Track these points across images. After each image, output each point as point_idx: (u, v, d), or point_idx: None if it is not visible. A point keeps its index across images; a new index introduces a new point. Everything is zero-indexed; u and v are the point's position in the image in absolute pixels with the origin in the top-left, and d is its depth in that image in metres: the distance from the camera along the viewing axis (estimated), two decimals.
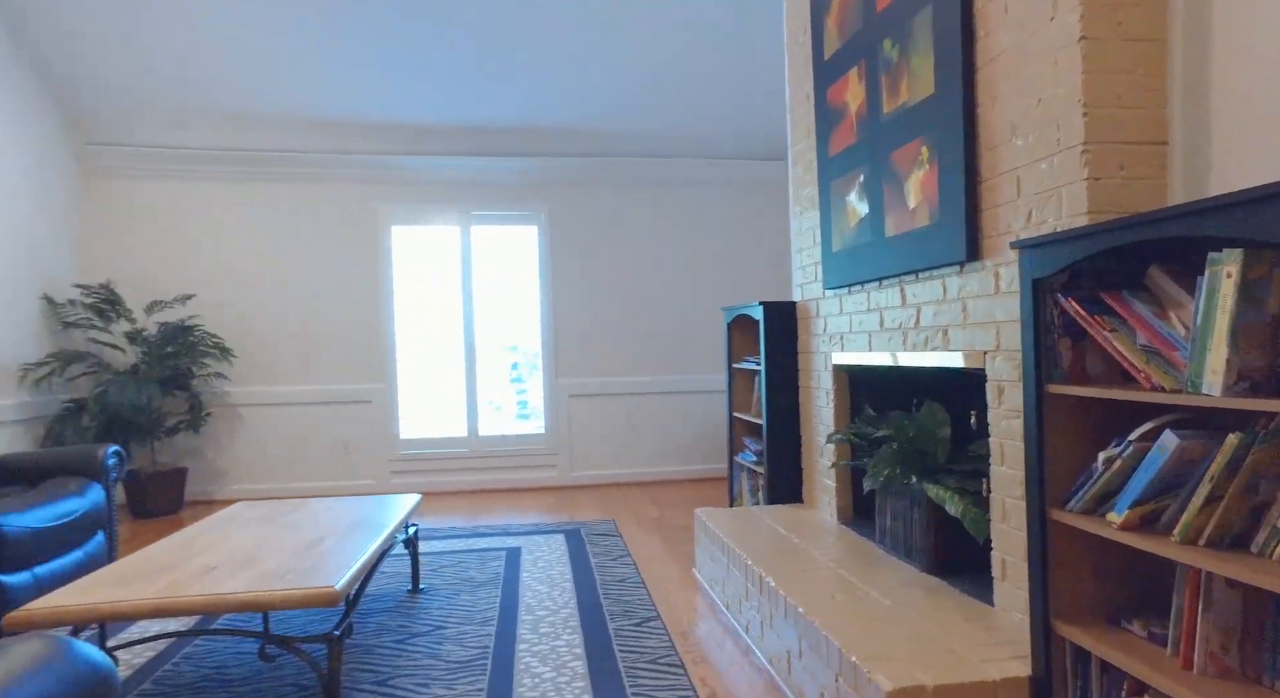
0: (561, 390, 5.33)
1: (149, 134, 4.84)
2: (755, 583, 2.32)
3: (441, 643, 2.47)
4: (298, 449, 5.07)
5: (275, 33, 4.36)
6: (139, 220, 4.94)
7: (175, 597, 1.80)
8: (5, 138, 4.12)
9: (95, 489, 3.10)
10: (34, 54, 4.34)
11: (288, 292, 5.07)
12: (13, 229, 4.16)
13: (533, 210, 5.32)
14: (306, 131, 4.96)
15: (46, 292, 4.46)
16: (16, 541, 2.65)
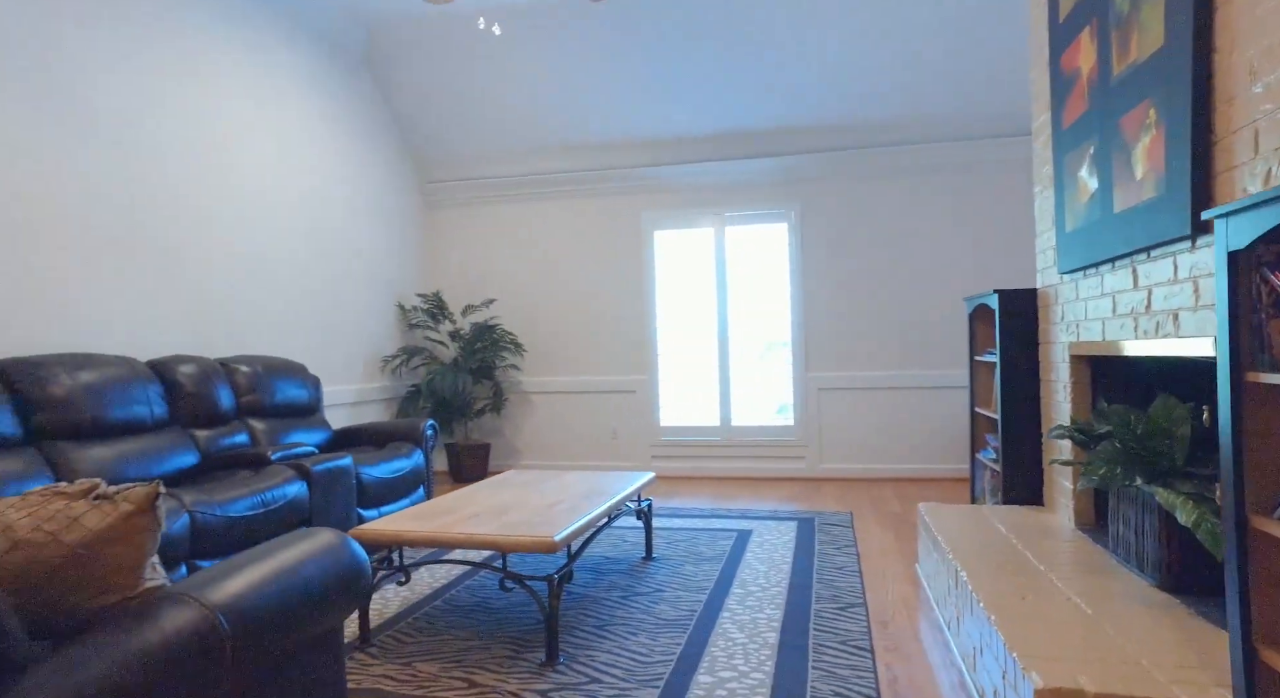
0: (811, 384, 5.39)
1: (466, 170, 5.95)
2: (954, 577, 2.25)
3: (657, 603, 2.78)
4: (574, 432, 5.84)
5: (558, 77, 5.10)
6: (459, 240, 6.09)
7: (443, 532, 2.35)
8: (371, 182, 5.41)
9: (418, 454, 3.99)
10: (394, 115, 5.63)
11: (567, 294, 5.85)
12: (379, 253, 5.45)
13: (783, 208, 5.45)
14: (581, 154, 5.68)
15: (399, 300, 5.74)
16: (371, 486, 3.55)
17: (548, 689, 2.08)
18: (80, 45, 3.27)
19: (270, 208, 4.38)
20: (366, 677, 2.19)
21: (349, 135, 5.14)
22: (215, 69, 4.01)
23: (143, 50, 3.58)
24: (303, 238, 4.64)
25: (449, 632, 2.54)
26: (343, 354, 5.02)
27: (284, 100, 4.52)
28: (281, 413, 3.90)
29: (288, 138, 4.54)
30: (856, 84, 4.94)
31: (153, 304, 3.60)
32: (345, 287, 5.06)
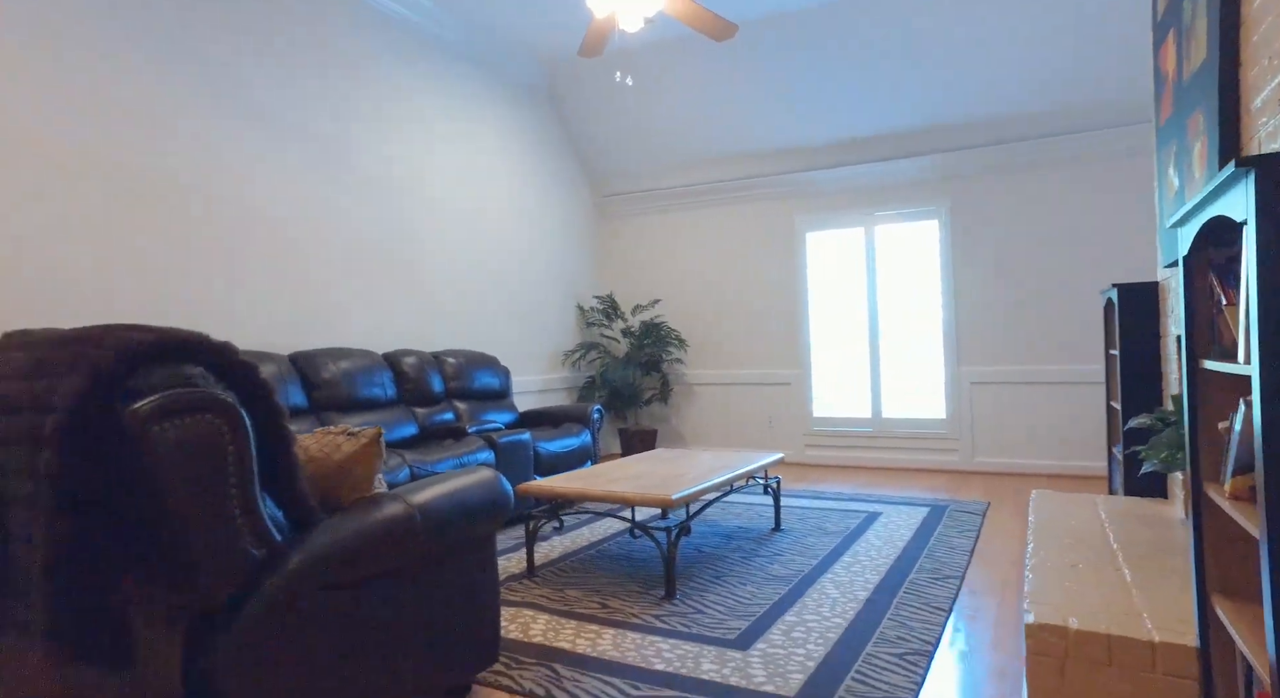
0: (963, 378, 5.42)
1: (635, 184, 6.65)
2: (1027, 553, 2.46)
3: (772, 563, 3.21)
4: (733, 420, 6.31)
5: (714, 95, 5.62)
6: (629, 247, 6.80)
7: (586, 488, 2.97)
8: (555, 200, 6.27)
9: (585, 434, 4.71)
10: (572, 140, 6.47)
11: (726, 293, 6.34)
12: (561, 261, 6.30)
13: (933, 205, 5.52)
14: (737, 164, 6.14)
15: (578, 302, 6.57)
16: (545, 457, 4.32)
17: (660, 614, 2.61)
18: (346, 117, 4.35)
19: (473, 229, 5.33)
20: (528, 595, 2.87)
21: (536, 161, 6.03)
22: (434, 121, 5.00)
23: (383, 115, 4.62)
24: (499, 252, 5.58)
25: (595, 572, 3.16)
26: (530, 349, 5.91)
27: (484, 138, 5.47)
28: (479, 396, 4.79)
29: (488, 169, 5.49)
30: (1007, 78, 4.92)
31: (386, 310, 4.63)
32: (533, 291, 5.95)
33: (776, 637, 2.38)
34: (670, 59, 5.54)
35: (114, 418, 1.36)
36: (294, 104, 4.08)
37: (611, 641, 2.38)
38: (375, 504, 1.76)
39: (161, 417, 1.36)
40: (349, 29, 4.43)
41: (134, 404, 1.35)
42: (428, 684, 1.84)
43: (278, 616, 1.50)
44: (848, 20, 4.93)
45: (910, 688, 2.00)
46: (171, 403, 1.37)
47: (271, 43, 3.98)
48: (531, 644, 2.37)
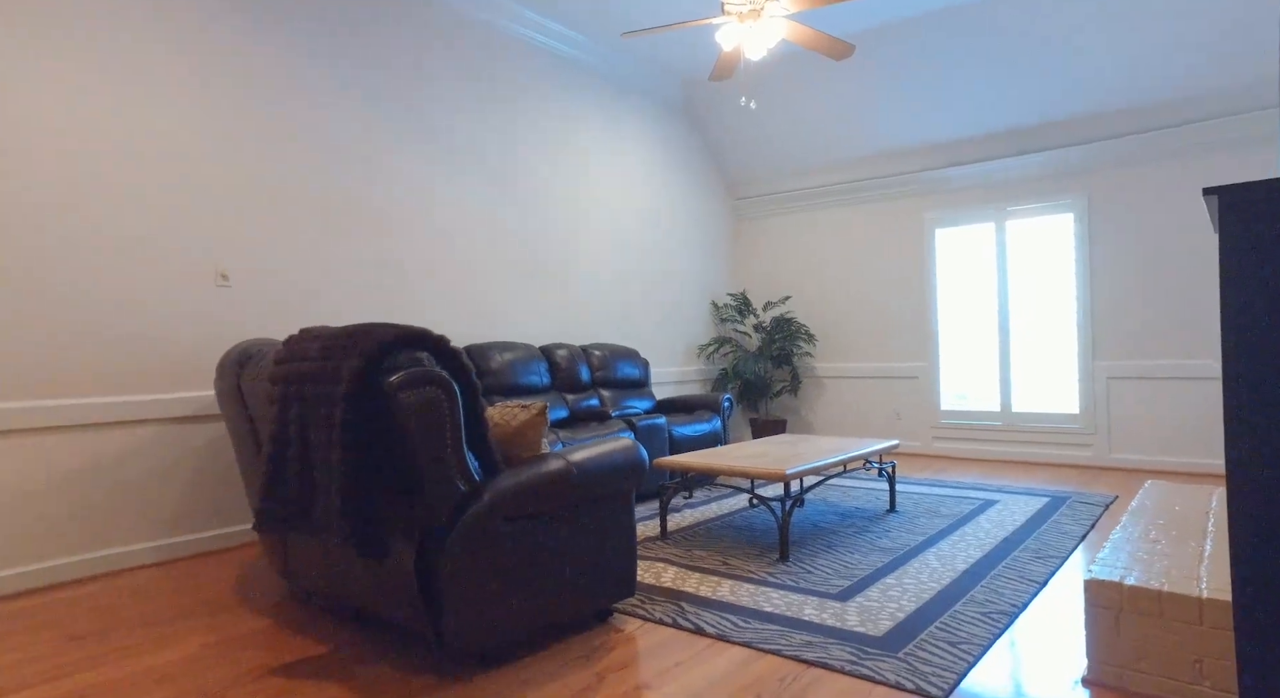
0: (1099, 372, 5.33)
1: (767, 186, 6.99)
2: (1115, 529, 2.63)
3: (881, 538, 3.51)
4: (861, 412, 6.51)
5: (843, 99, 5.88)
6: (761, 246, 7.15)
7: (711, 463, 3.42)
8: (691, 204, 6.75)
9: (716, 420, 5.15)
10: (707, 147, 6.92)
11: (855, 289, 6.54)
12: (697, 261, 6.78)
13: (1068, 198, 5.46)
14: (867, 164, 6.33)
15: (712, 299, 7.02)
16: (679, 440, 4.81)
17: (773, 572, 3.02)
18: (510, 143, 5.06)
19: (618, 234, 5.92)
20: (660, 553, 3.36)
21: (675, 170, 6.53)
22: (584, 139, 5.63)
23: (541, 138, 5.30)
24: (641, 254, 6.13)
25: (719, 537, 3.61)
26: (668, 342, 6.43)
27: (628, 152, 6.04)
28: (621, 385, 5.36)
29: (632, 180, 6.06)
30: (1149, 63, 4.82)
31: (542, 307, 5.31)
32: (671, 289, 6.47)
33: (874, 593, 2.72)
34: (796, 68, 5.84)
35: (376, 387, 1.98)
36: (467, 133, 4.82)
37: (729, 589, 2.82)
38: (542, 460, 2.31)
39: (404, 387, 1.96)
40: (513, 65, 5.13)
41: (389, 378, 1.96)
42: (580, 604, 2.37)
43: (476, 535, 2.07)
44: (976, 20, 5.02)
45: (986, 638, 2.29)
46: (410, 378, 1.97)
47: (450, 83, 4.73)
48: (662, 588, 2.86)
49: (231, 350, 2.76)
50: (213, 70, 3.63)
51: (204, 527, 3.55)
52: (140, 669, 2.21)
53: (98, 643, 2.43)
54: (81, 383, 3.19)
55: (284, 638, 2.42)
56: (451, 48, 4.74)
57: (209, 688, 2.06)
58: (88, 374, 3.21)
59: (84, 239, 3.21)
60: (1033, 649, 2.22)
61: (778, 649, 2.24)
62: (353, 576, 2.27)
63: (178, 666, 2.22)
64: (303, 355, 2.16)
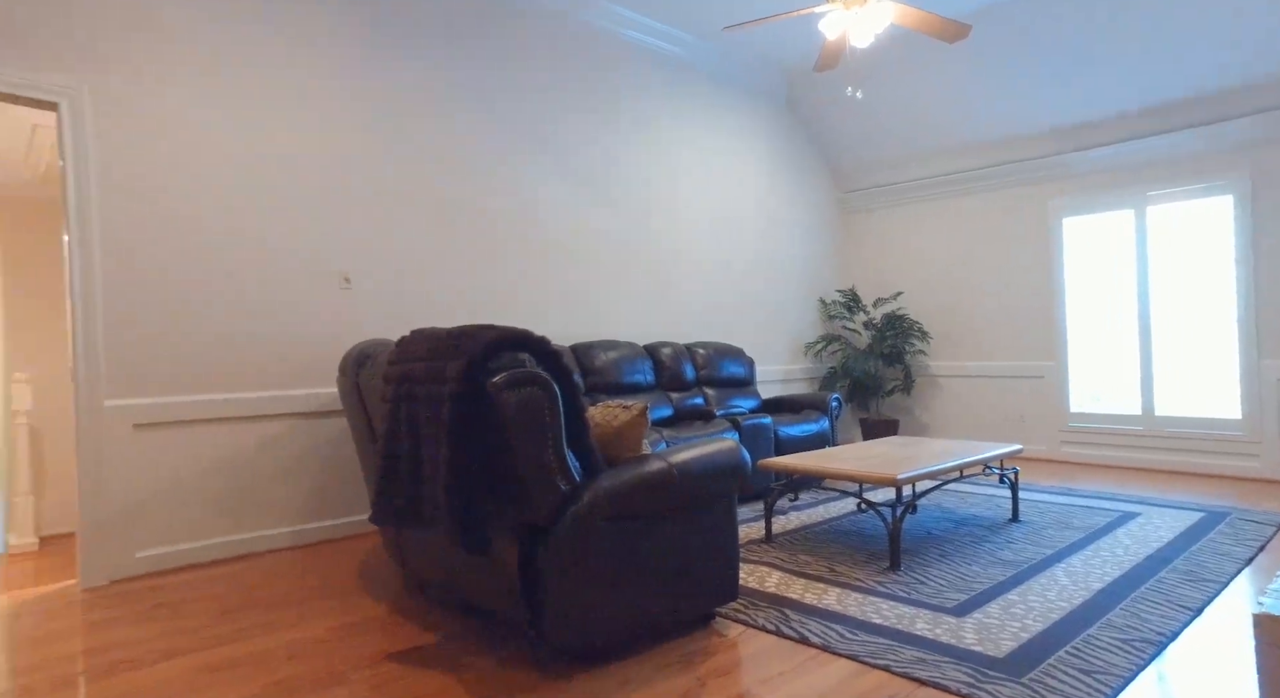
0: (1267, 372, 4.77)
1: (876, 178, 6.71)
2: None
3: (1002, 549, 3.28)
4: (979, 413, 6.14)
5: (958, 83, 5.56)
6: (870, 240, 6.88)
7: (817, 465, 3.31)
8: (796, 199, 6.59)
9: (824, 420, 5.00)
10: (813, 140, 6.73)
11: (972, 283, 6.17)
12: (803, 257, 6.61)
13: (1224, 179, 4.91)
14: (983, 151, 5.95)
15: (820, 296, 6.82)
16: (785, 441, 4.70)
17: (882, 581, 2.89)
18: (610, 144, 5.11)
19: (721, 231, 5.86)
20: (764, 556, 3.29)
21: (778, 164, 6.39)
22: (684, 136, 5.61)
23: (640, 137, 5.32)
24: (744, 251, 6.04)
25: (825, 542, 3.49)
26: (773, 340, 6.30)
27: (730, 149, 5.96)
28: (725, 384, 5.30)
29: (734, 176, 5.97)
30: None
31: (645, 306, 5.33)
32: (776, 287, 6.33)
33: (994, 610, 2.55)
34: (906, 53, 5.56)
35: (480, 387, 2.04)
36: (572, 136, 4.90)
37: (835, 597, 2.72)
38: (643, 461, 2.30)
39: (507, 387, 2.00)
40: (614, 65, 5.17)
41: (492, 378, 2.01)
42: (681, 607, 2.35)
43: (577, 534, 2.09)
44: None
45: (1128, 670, 2.08)
46: (513, 378, 2.01)
47: (554, 86, 4.82)
48: (765, 593, 2.79)
49: (351, 350, 2.92)
50: (336, 91, 3.86)
51: (331, 515, 3.79)
52: (277, 645, 2.38)
53: (243, 618, 2.64)
54: (228, 380, 3.48)
55: (399, 625, 2.54)
56: (554, 51, 4.83)
57: (334, 668, 2.19)
58: (233, 372, 3.49)
59: (230, 248, 3.50)
60: (1186, 688, 2.00)
61: (886, 665, 2.13)
62: (461, 569, 2.35)
63: (308, 645, 2.38)
64: (413, 356, 2.25)
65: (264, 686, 2.09)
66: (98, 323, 3.17)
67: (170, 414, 3.32)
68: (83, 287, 3.15)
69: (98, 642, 2.49)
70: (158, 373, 3.31)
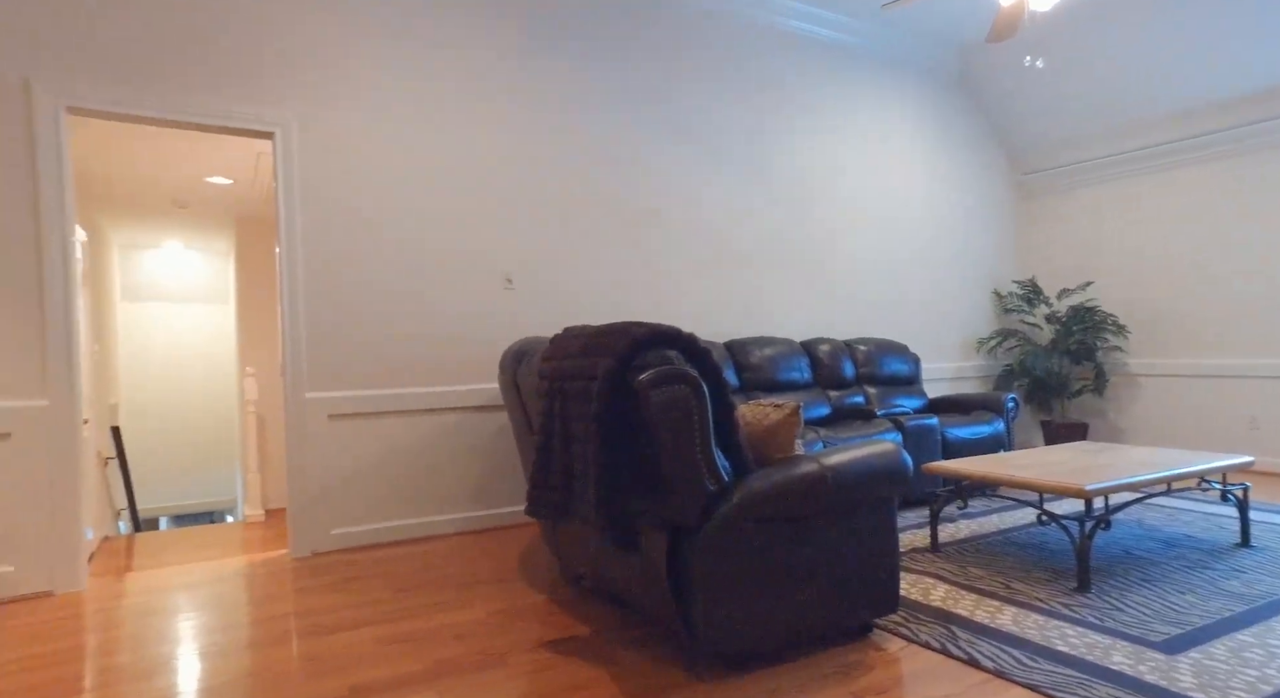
0: None
1: (1059, 157, 6.06)
2: None
3: (1228, 579, 2.83)
4: (1193, 418, 5.36)
5: (1155, 44, 4.90)
6: (1053, 226, 6.22)
7: (991, 471, 3.03)
8: (968, 184, 6.11)
9: (998, 422, 4.59)
10: (987, 120, 6.21)
11: (1180, 271, 5.40)
12: (975, 246, 6.12)
13: None
14: (1190, 119, 5.18)
15: (994, 288, 6.28)
16: (953, 443, 4.38)
17: (1069, 603, 2.59)
18: (764, 134, 5.01)
19: (882, 221, 5.56)
20: (929, 567, 3.07)
21: (946, 148, 5.95)
22: (841, 123, 5.37)
23: (796, 126, 5.16)
24: (908, 241, 5.69)
25: (999, 555, 3.20)
26: (940, 336, 5.89)
27: (891, 133, 5.64)
28: (887, 382, 5.02)
29: (895, 162, 5.65)
30: None
31: (802, 301, 5.17)
32: (944, 278, 5.91)
33: (1219, 651, 2.19)
34: (1094, 13, 4.96)
35: (628, 384, 2.05)
36: (724, 128, 4.85)
37: (1011, 617, 2.47)
38: (795, 463, 2.22)
39: (654, 385, 2.00)
40: (768, 53, 5.05)
41: (640, 376, 2.02)
42: (836, 615, 2.24)
43: (726, 535, 2.05)
44: None
45: None
46: (659, 376, 2.01)
47: (706, 78, 4.80)
48: (929, 607, 2.60)
49: (511, 347, 3.06)
50: (498, 99, 4.08)
51: (494, 504, 4.01)
52: (444, 624, 2.55)
53: (416, 597, 2.86)
54: (405, 376, 3.79)
55: (555, 614, 2.63)
56: (707, 43, 4.80)
57: (493, 650, 2.31)
58: (409, 368, 3.80)
59: (407, 254, 3.81)
60: None
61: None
62: (613, 565, 2.39)
63: (471, 626, 2.52)
64: (566, 353, 2.31)
65: (434, 662, 2.24)
66: (300, 324, 3.56)
67: (357, 406, 3.66)
68: (289, 293, 3.55)
69: (302, 606, 2.79)
70: (348, 368, 3.66)
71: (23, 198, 3.03)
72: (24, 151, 3.04)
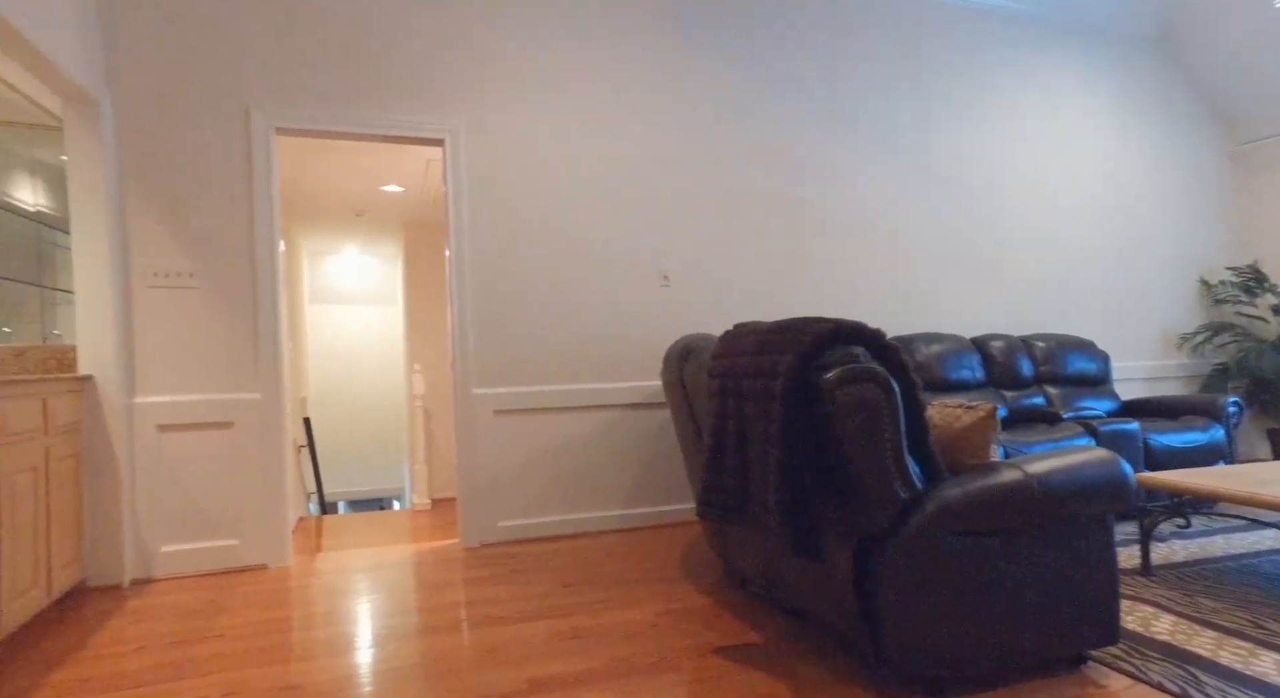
0: None
1: None
2: None
3: None
4: None
5: None
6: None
7: (1226, 487, 2.62)
8: (1166, 159, 5.41)
9: (1215, 429, 4.01)
10: (1193, 86, 5.48)
11: None
12: (1172, 227, 5.42)
13: None
14: None
15: (1201, 276, 5.53)
16: (1159, 452, 3.88)
17: None
18: (927, 119, 4.68)
19: (1063, 207, 5.04)
20: (1143, 592, 2.71)
21: (1139, 118, 5.30)
22: (1017, 102, 4.92)
23: (962, 111, 4.78)
24: (1093, 227, 5.13)
25: (1236, 585, 2.76)
26: (1132, 331, 5.26)
27: (1071, 109, 5.10)
28: (1072, 382, 4.54)
29: (1076, 141, 5.10)
30: None
31: (972, 296, 4.78)
32: (1137, 266, 5.27)
33: None
34: None
35: (811, 384, 1.93)
36: (884, 116, 4.57)
37: (1274, 664, 2.11)
38: (993, 470, 2.01)
39: (841, 384, 1.87)
40: (930, 35, 4.71)
41: (825, 375, 1.89)
42: (1044, 643, 2.00)
43: (919, 548, 1.88)
44: None
45: None
46: (847, 375, 1.87)
47: (865, 66, 4.54)
48: (1154, 641, 2.28)
49: (675, 344, 3.01)
50: (652, 96, 4.05)
51: (653, 502, 3.99)
52: (613, 622, 2.54)
53: (582, 593, 2.88)
54: (564, 373, 3.85)
55: (722, 618, 2.55)
56: (866, 26, 4.54)
57: (666, 653, 2.26)
58: (569, 366, 3.86)
59: (568, 253, 3.87)
60: None
61: None
62: (788, 572, 2.28)
63: (640, 626, 2.50)
64: (739, 350, 2.22)
65: (606, 660, 2.22)
66: (468, 322, 3.71)
67: (521, 402, 3.76)
68: (458, 292, 3.71)
69: (472, 596, 2.89)
70: (512, 365, 3.77)
71: (242, 214, 3.36)
72: (242, 171, 3.36)
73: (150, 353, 3.25)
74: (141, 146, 3.25)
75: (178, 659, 2.34)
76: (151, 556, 3.23)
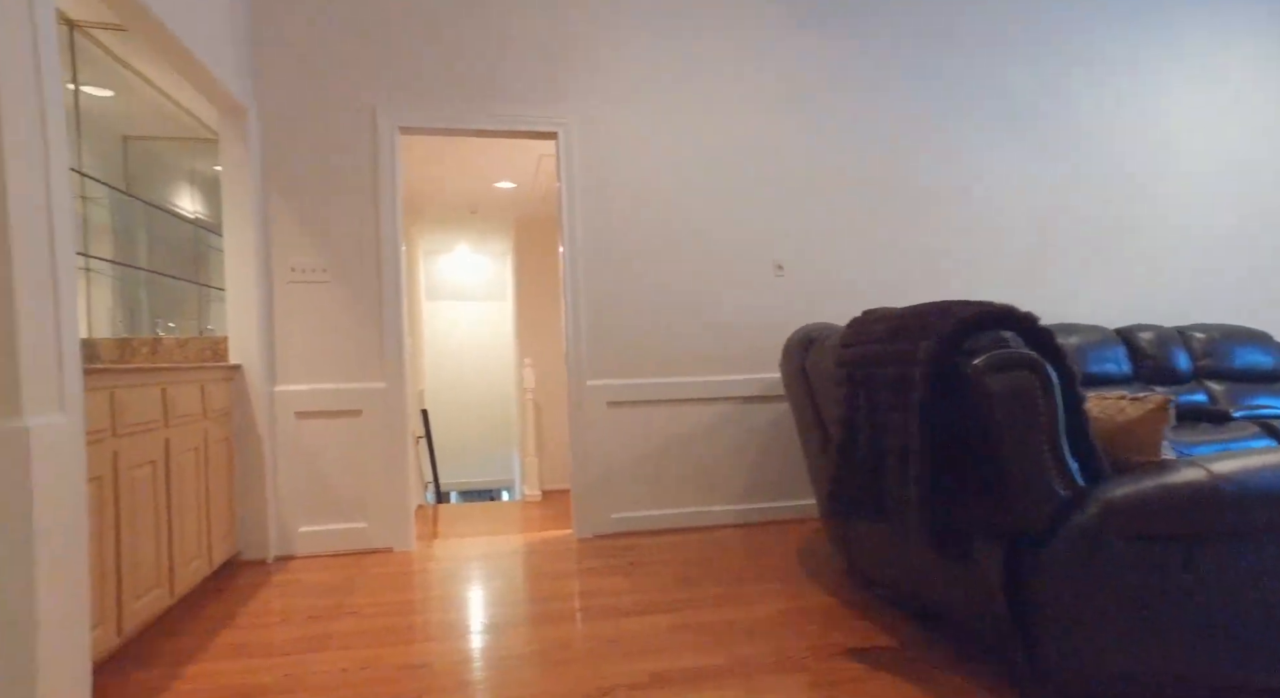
0: None
1: None
2: None
3: None
4: None
5: None
6: None
7: None
8: None
9: None
10: None
11: None
12: None
13: None
14: None
15: None
16: None
17: None
18: (1058, 95, 4.32)
19: (1214, 183, 4.53)
20: None
21: None
22: (1167, 74, 4.47)
23: (1099, 82, 4.38)
24: (1262, 202, 4.59)
25: None
26: None
27: (1231, 71, 4.57)
28: (1239, 377, 4.07)
29: (1243, 109, 4.58)
30: None
31: (1114, 283, 4.38)
32: None
33: None
34: None
35: (955, 370, 1.79)
36: (1014, 95, 4.25)
37: None
38: (1168, 468, 1.79)
39: (991, 371, 1.72)
40: (1060, 6, 4.35)
41: (972, 361, 1.75)
42: (1233, 671, 1.77)
43: (1082, 552, 1.71)
44: None
45: None
46: (997, 360, 1.72)
47: (992, 44, 4.24)
48: None
49: (795, 334, 2.90)
50: (763, 81, 3.94)
51: (769, 497, 3.89)
52: (733, 619, 2.47)
53: (698, 587, 2.83)
54: (678, 365, 3.81)
55: (848, 619, 2.43)
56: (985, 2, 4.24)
57: (790, 652, 2.17)
58: (682, 358, 3.81)
59: (680, 245, 3.82)
60: None
61: None
62: (924, 573, 2.14)
63: (761, 624, 2.42)
64: (870, 338, 2.10)
65: (729, 658, 2.16)
66: (581, 314, 3.72)
67: (634, 394, 3.75)
68: (571, 284, 3.73)
69: (589, 587, 2.89)
70: (625, 357, 3.76)
71: (369, 213, 3.51)
72: (369, 171, 3.51)
73: (288, 344, 3.45)
74: (281, 150, 3.45)
75: (318, 633, 2.46)
76: (292, 534, 3.43)
